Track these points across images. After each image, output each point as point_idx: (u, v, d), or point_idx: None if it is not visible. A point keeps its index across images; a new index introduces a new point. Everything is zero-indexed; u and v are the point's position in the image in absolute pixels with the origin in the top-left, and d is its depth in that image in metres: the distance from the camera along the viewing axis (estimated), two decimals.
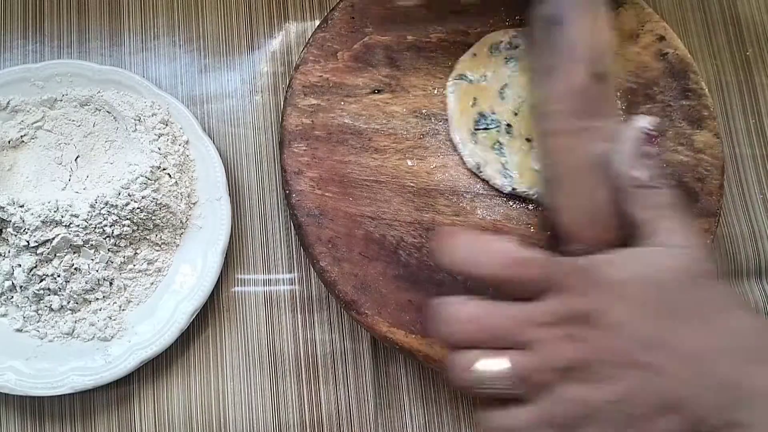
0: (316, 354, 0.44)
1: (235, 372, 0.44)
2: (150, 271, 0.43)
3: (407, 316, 0.39)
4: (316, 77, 0.43)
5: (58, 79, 0.45)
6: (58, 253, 0.41)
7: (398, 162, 0.42)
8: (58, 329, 0.41)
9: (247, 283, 0.45)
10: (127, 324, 0.42)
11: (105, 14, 0.49)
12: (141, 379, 0.43)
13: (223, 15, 0.50)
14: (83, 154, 0.45)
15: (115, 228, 0.41)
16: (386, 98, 0.43)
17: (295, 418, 0.43)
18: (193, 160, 0.45)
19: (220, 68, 0.49)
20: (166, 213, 0.42)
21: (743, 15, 0.52)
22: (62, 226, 0.40)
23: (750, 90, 0.50)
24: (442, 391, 0.44)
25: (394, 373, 0.44)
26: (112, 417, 0.43)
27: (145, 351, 0.41)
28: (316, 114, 0.42)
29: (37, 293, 0.41)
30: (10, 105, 0.44)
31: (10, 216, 0.40)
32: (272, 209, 0.46)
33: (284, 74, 0.49)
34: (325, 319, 0.45)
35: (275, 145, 0.47)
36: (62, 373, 0.40)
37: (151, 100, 0.45)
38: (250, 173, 0.47)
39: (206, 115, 0.48)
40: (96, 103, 0.45)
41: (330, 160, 0.42)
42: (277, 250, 0.46)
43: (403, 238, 0.40)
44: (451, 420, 0.44)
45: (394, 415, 0.44)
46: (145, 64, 0.48)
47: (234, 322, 0.44)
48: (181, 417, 0.43)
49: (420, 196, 0.41)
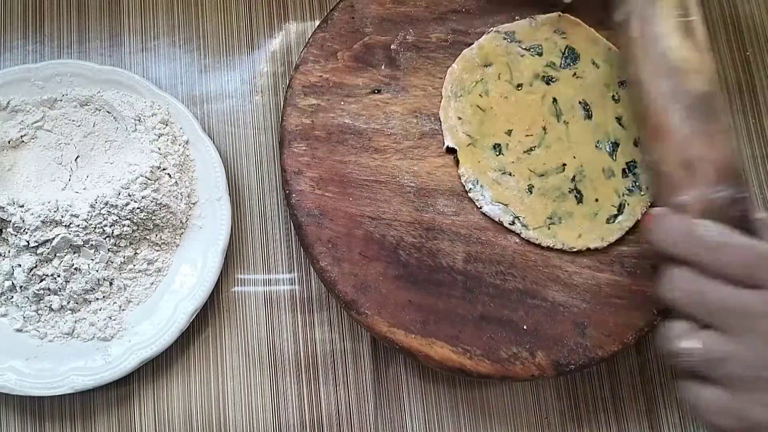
0: (316, 354, 0.44)
1: (235, 372, 0.44)
2: (150, 271, 0.43)
3: (407, 316, 0.39)
4: (316, 77, 0.43)
5: (58, 79, 0.45)
6: (58, 253, 0.41)
7: (398, 162, 0.42)
8: (58, 329, 0.41)
9: (247, 283, 0.45)
10: (127, 324, 0.42)
11: (105, 14, 0.49)
12: (141, 379, 0.43)
13: (223, 15, 0.50)
14: (83, 154, 0.45)
15: (115, 228, 0.41)
16: (386, 98, 0.43)
17: (295, 418, 0.43)
18: (193, 160, 0.45)
19: (220, 68, 0.49)
20: (166, 213, 0.42)
21: (743, 15, 0.52)
22: (62, 226, 0.40)
23: (750, 90, 0.50)
24: (442, 391, 0.44)
25: (394, 373, 0.44)
26: (112, 417, 0.43)
27: (145, 351, 0.41)
28: (316, 114, 0.42)
29: (37, 293, 0.41)
30: (10, 105, 0.44)
31: (10, 216, 0.40)
32: (272, 209, 0.46)
33: (284, 74, 0.49)
34: (325, 319, 0.45)
35: (275, 145, 0.47)
36: (62, 373, 0.40)
37: (151, 100, 0.45)
38: (250, 173, 0.47)
39: (206, 115, 0.48)
40: (96, 103, 0.45)
41: (330, 160, 0.42)
42: (277, 250, 0.46)
43: (403, 238, 0.41)
44: (451, 420, 0.44)
45: (394, 415, 0.44)
46: (145, 64, 0.48)
47: (234, 322, 0.44)
48: (181, 417, 0.43)
49: (420, 196, 0.41)
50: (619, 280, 0.40)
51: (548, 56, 0.44)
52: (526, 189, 0.41)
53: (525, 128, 0.42)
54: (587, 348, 0.39)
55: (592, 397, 0.45)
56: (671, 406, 0.45)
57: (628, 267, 0.41)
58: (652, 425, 0.44)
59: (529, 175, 0.42)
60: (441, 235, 0.41)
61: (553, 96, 0.43)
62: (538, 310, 0.39)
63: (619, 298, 0.40)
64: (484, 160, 0.42)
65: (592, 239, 0.41)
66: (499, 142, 0.42)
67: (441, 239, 0.41)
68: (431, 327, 0.39)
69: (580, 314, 0.39)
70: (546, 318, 0.39)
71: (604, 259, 0.41)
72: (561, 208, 0.41)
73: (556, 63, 0.44)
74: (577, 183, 0.42)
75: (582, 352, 0.39)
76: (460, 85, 0.43)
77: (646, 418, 0.44)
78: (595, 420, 0.44)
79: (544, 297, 0.40)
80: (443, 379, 0.44)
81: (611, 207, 0.41)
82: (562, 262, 0.41)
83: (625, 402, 0.45)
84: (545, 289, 0.40)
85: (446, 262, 0.40)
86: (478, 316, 0.39)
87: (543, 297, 0.40)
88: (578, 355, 0.39)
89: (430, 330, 0.39)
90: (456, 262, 0.40)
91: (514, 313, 0.39)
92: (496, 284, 0.40)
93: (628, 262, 0.41)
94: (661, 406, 0.45)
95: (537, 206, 0.41)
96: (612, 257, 0.41)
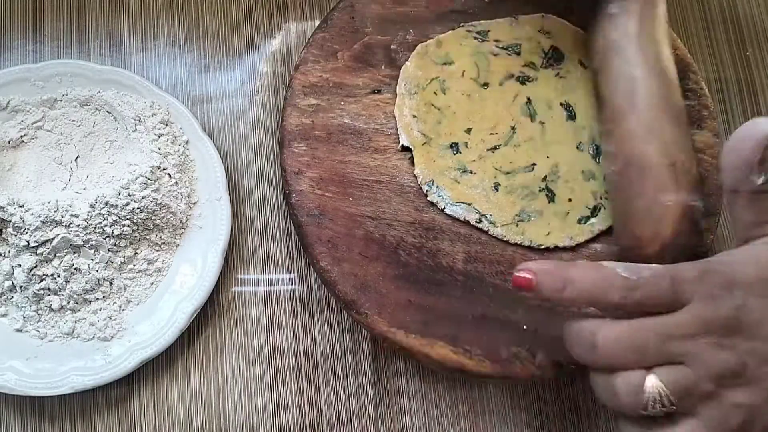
0: (316, 354, 0.44)
1: (235, 372, 0.44)
2: (150, 271, 0.43)
3: (407, 316, 0.39)
4: (316, 77, 0.43)
5: (58, 79, 0.45)
6: (58, 253, 0.41)
7: (398, 162, 0.42)
8: (58, 329, 0.41)
9: (247, 283, 0.45)
10: (127, 324, 0.42)
11: (105, 14, 0.49)
12: (141, 379, 0.43)
13: (223, 15, 0.50)
14: (83, 154, 0.45)
15: (115, 228, 0.41)
16: (386, 98, 0.43)
17: (295, 418, 0.43)
18: (193, 160, 0.45)
19: (220, 68, 0.49)
20: (166, 213, 0.42)
21: (743, 15, 0.52)
22: (62, 226, 0.40)
23: (750, 90, 0.50)
24: (442, 391, 0.44)
25: (394, 373, 0.44)
26: (112, 417, 0.43)
27: (145, 351, 0.41)
28: (316, 114, 0.42)
29: (37, 293, 0.41)
30: (10, 105, 0.44)
31: (10, 216, 0.40)
32: (272, 209, 0.46)
33: (284, 74, 0.49)
34: (325, 319, 0.45)
35: (275, 145, 0.47)
36: (62, 373, 0.40)
37: (151, 100, 0.45)
38: (250, 173, 0.47)
39: (206, 115, 0.48)
40: (96, 103, 0.45)
41: (330, 160, 0.42)
42: (277, 250, 0.46)
43: (403, 238, 0.40)
44: (451, 420, 0.44)
45: (394, 415, 0.44)
46: (145, 64, 0.48)
47: (234, 322, 0.44)
48: (181, 417, 0.43)
49: (420, 196, 0.41)
50: None
51: (528, 56, 0.44)
52: (491, 187, 0.41)
53: (488, 127, 0.42)
54: None
55: (592, 397, 0.45)
56: None
57: None
58: None
59: (494, 173, 0.41)
60: (441, 235, 0.41)
61: (528, 96, 0.43)
62: (538, 310, 0.39)
63: None
64: (439, 160, 0.41)
65: (561, 238, 0.41)
66: (457, 141, 0.42)
67: (441, 239, 0.41)
68: (431, 327, 0.39)
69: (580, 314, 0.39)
70: (546, 318, 0.39)
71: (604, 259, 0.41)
72: (531, 206, 0.41)
73: (536, 63, 0.44)
74: (549, 182, 0.42)
75: None
76: (414, 82, 0.43)
77: None
78: (595, 420, 0.44)
79: None
80: (443, 379, 0.44)
81: (585, 208, 0.41)
82: None
83: None
84: None
85: (446, 262, 0.40)
86: (478, 316, 0.39)
87: None
88: None
89: (430, 330, 0.39)
90: (456, 262, 0.40)
91: (514, 313, 0.39)
92: (496, 284, 0.40)
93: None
94: None
95: (504, 204, 0.41)
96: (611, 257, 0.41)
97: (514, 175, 0.41)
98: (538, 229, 0.41)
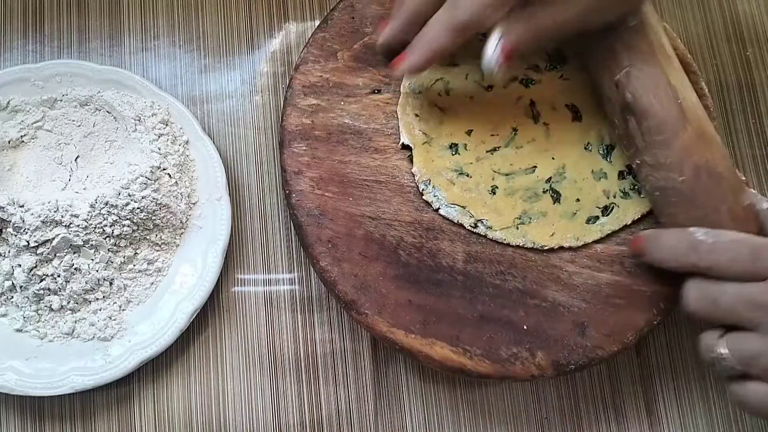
0: (316, 354, 0.44)
1: (235, 372, 0.44)
2: (150, 271, 0.43)
3: (407, 316, 0.39)
4: (316, 77, 0.43)
5: (58, 79, 0.45)
6: (58, 253, 0.41)
7: (398, 162, 0.42)
8: (58, 329, 0.41)
9: (247, 283, 0.45)
10: (127, 324, 0.42)
11: (105, 14, 0.49)
12: (141, 379, 0.43)
13: (223, 15, 0.50)
14: (83, 154, 0.45)
15: (115, 228, 0.41)
16: (386, 98, 0.43)
17: (295, 418, 0.43)
18: (193, 160, 0.45)
19: (220, 68, 0.49)
20: (166, 213, 0.42)
21: (743, 15, 0.52)
22: (62, 226, 0.40)
23: (750, 90, 0.50)
24: (442, 391, 0.44)
25: (394, 373, 0.44)
26: (112, 417, 0.43)
27: (145, 351, 0.41)
28: (316, 114, 0.42)
29: (37, 293, 0.41)
30: (10, 105, 0.44)
31: (10, 216, 0.40)
32: (272, 209, 0.46)
33: (284, 74, 0.49)
34: (325, 319, 0.45)
35: (275, 145, 0.47)
36: (62, 373, 0.40)
37: (151, 100, 0.45)
38: (250, 173, 0.47)
39: (206, 115, 0.48)
40: (96, 103, 0.45)
41: (330, 160, 0.42)
42: (277, 250, 0.46)
43: (403, 238, 0.40)
44: (451, 420, 0.44)
45: (394, 415, 0.44)
46: (145, 64, 0.48)
47: (234, 322, 0.44)
48: (181, 417, 0.43)
49: (420, 196, 0.41)
50: (619, 280, 0.40)
51: (532, 58, 0.44)
52: (488, 190, 0.41)
53: (490, 128, 0.42)
54: (587, 348, 0.39)
55: (592, 397, 0.45)
56: (671, 406, 0.45)
57: (628, 267, 0.41)
58: (652, 425, 0.44)
59: (492, 175, 0.41)
60: (441, 235, 0.41)
61: (531, 98, 0.43)
62: (538, 310, 0.39)
63: (619, 298, 0.40)
64: (438, 160, 0.41)
65: (566, 238, 0.41)
66: (457, 142, 0.42)
67: (441, 239, 0.41)
68: (431, 327, 0.39)
69: (580, 314, 0.39)
70: (546, 318, 0.39)
71: (604, 259, 0.41)
72: (534, 208, 0.41)
73: (539, 65, 0.44)
74: (554, 183, 0.41)
75: (582, 352, 0.39)
76: (418, 81, 0.43)
77: (646, 418, 0.44)
78: (595, 420, 0.44)
79: (544, 297, 0.40)
80: (443, 379, 0.44)
81: (595, 208, 0.41)
82: (562, 262, 0.40)
83: (625, 402, 0.45)
84: (545, 289, 0.40)
85: (446, 262, 0.40)
86: (478, 316, 0.39)
87: (543, 297, 0.40)
88: (578, 355, 0.39)
89: (430, 330, 0.39)
90: (456, 262, 0.40)
91: (514, 313, 0.39)
92: (496, 284, 0.40)
93: (628, 262, 0.41)
94: (661, 406, 0.45)
95: (503, 207, 0.41)
96: (612, 257, 0.41)
97: (514, 178, 0.41)
98: (541, 230, 0.41)
